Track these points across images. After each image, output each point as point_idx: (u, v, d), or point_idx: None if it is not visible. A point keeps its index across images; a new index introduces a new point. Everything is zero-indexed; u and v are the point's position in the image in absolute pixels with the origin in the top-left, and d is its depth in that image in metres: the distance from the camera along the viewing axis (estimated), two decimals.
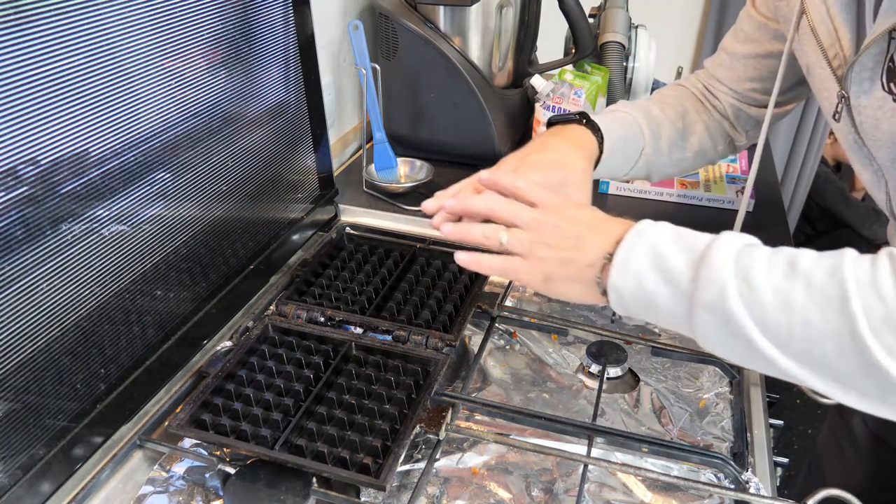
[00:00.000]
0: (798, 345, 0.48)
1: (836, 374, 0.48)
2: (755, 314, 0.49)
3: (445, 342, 0.79)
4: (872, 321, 0.45)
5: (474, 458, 0.71)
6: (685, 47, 2.43)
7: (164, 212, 0.75)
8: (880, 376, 0.45)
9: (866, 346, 0.45)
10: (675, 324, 0.54)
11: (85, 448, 0.67)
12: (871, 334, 0.45)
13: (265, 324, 0.82)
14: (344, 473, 0.63)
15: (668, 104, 0.89)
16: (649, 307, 0.54)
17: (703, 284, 0.50)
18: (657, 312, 0.54)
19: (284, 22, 0.90)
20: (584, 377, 0.81)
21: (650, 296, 0.53)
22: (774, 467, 0.71)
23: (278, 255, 0.97)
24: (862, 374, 0.46)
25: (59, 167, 0.60)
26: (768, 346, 0.49)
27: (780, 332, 0.48)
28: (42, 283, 0.61)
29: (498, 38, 1.22)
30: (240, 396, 0.72)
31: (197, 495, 0.66)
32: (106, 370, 0.69)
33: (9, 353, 0.58)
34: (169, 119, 0.73)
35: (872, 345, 0.45)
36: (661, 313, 0.54)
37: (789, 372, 0.49)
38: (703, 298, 0.50)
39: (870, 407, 0.48)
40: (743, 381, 0.79)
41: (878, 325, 0.45)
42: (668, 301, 0.52)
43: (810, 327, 0.47)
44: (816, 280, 0.48)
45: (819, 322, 0.47)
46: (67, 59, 0.59)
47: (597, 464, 0.68)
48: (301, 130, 0.99)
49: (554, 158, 0.73)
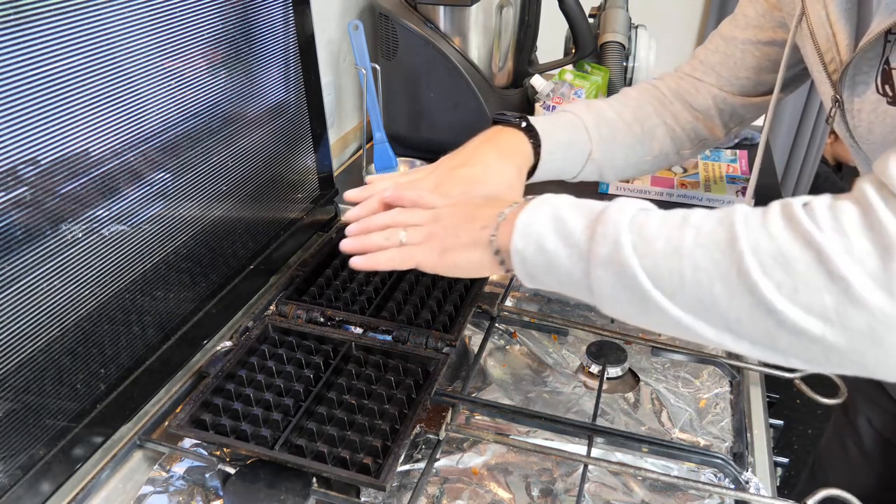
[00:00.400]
0: (688, 291, 0.48)
1: (726, 321, 0.47)
2: (647, 264, 0.49)
3: (445, 342, 0.79)
4: (762, 258, 0.45)
5: (474, 458, 0.71)
6: (685, 47, 2.43)
7: (164, 212, 0.75)
8: (769, 317, 0.45)
9: (754, 284, 0.45)
10: (575, 287, 0.55)
11: (85, 448, 0.67)
12: (759, 271, 0.45)
13: (265, 324, 0.82)
14: (344, 473, 0.63)
15: (628, 106, 0.87)
16: (550, 269, 0.55)
17: (598, 240, 0.51)
18: (558, 275, 0.55)
19: (284, 22, 0.90)
20: (584, 377, 0.81)
21: (550, 257, 0.54)
22: (774, 467, 0.71)
23: (278, 255, 0.97)
24: (750, 318, 0.46)
25: (59, 167, 0.60)
26: (660, 297, 0.49)
27: (672, 280, 0.48)
28: (42, 283, 0.61)
29: (498, 38, 1.22)
30: (240, 396, 0.72)
31: (197, 495, 0.66)
32: (106, 370, 0.69)
33: (9, 353, 0.58)
34: (169, 119, 0.73)
35: (760, 280, 0.45)
36: (562, 275, 0.55)
37: (682, 322, 0.49)
38: (599, 253, 0.51)
39: (759, 353, 0.48)
40: (743, 381, 0.79)
41: (767, 261, 0.45)
42: (566, 261, 0.54)
43: (699, 271, 0.47)
44: (706, 227, 0.48)
45: (707, 265, 0.47)
46: (67, 59, 0.59)
47: (597, 464, 0.68)
48: (301, 130, 0.99)
49: (479, 172, 0.74)
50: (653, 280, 0.49)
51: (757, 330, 0.46)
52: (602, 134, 0.83)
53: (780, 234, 0.45)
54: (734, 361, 0.81)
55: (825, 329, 0.44)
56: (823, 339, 0.44)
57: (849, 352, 0.44)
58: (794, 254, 0.44)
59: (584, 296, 0.55)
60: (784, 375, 0.80)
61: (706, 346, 0.86)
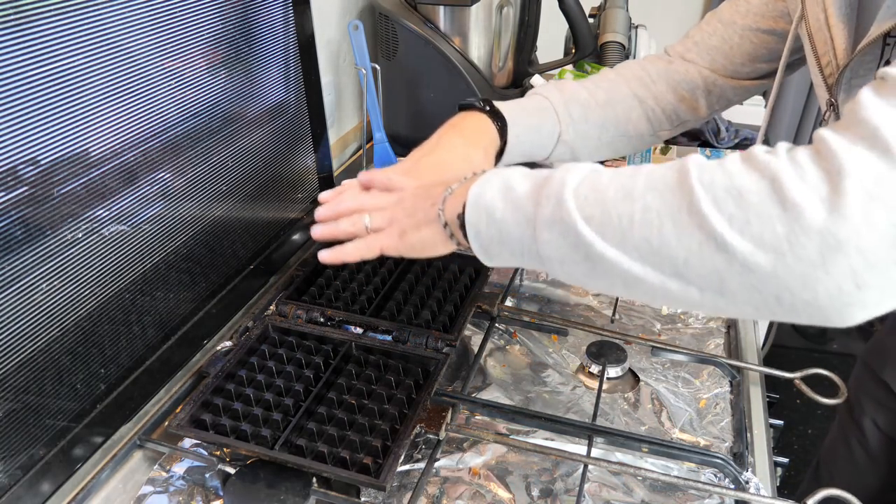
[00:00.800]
0: (637, 234, 0.47)
1: (674, 264, 0.46)
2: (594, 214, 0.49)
3: (445, 342, 0.79)
4: (715, 191, 0.44)
5: (474, 458, 0.71)
6: None
7: (164, 212, 0.75)
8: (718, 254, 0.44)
9: (704, 217, 0.44)
10: (527, 256, 0.54)
11: (85, 448, 0.67)
12: (710, 204, 0.44)
13: (265, 324, 0.82)
14: (344, 473, 0.63)
15: (601, 87, 0.85)
16: (502, 240, 0.55)
17: (542, 202, 0.51)
18: (510, 244, 0.54)
19: (284, 22, 0.90)
20: (584, 377, 0.81)
21: (500, 226, 0.54)
22: (774, 467, 0.71)
23: (278, 255, 0.97)
24: (700, 257, 0.45)
25: (59, 167, 0.60)
26: (606, 248, 0.48)
27: (621, 226, 0.47)
28: (42, 283, 0.61)
29: (498, 38, 1.22)
30: (240, 396, 0.72)
31: (197, 495, 0.66)
32: (106, 370, 0.69)
33: (9, 353, 0.58)
34: (169, 119, 0.73)
35: (711, 213, 0.44)
36: (514, 244, 0.54)
37: (630, 272, 0.48)
38: (543, 215, 0.51)
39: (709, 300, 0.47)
40: (743, 381, 0.79)
41: (720, 194, 0.44)
42: (515, 229, 0.53)
43: (648, 211, 0.46)
44: (658, 171, 0.48)
45: (657, 204, 0.46)
46: (67, 59, 0.59)
47: (597, 464, 0.68)
48: (301, 130, 0.99)
49: (446, 158, 0.74)
50: (598, 230, 0.48)
51: (706, 271, 0.45)
52: (573, 115, 0.83)
53: (735, 168, 0.45)
54: (734, 361, 0.81)
55: (776, 262, 0.42)
56: (774, 273, 0.43)
57: (801, 288, 0.43)
58: (748, 185, 0.43)
59: (536, 264, 0.54)
60: (784, 375, 0.80)
61: (706, 346, 0.86)
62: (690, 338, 0.87)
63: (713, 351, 0.85)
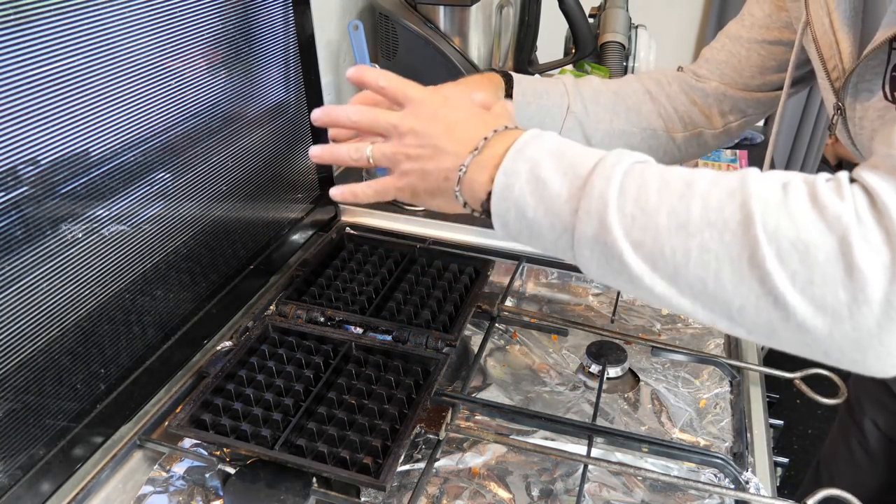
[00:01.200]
0: (692, 273, 0.44)
1: (728, 309, 0.45)
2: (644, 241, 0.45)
3: (445, 342, 0.79)
4: (780, 243, 0.42)
5: (474, 458, 0.71)
6: (685, 47, 2.43)
7: (164, 212, 0.75)
8: (776, 310, 0.43)
9: (767, 273, 0.42)
10: (562, 255, 0.51)
11: (85, 448, 0.67)
12: (775, 259, 0.42)
13: (265, 324, 0.82)
14: (344, 473, 0.63)
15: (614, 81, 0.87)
16: (534, 236, 0.51)
17: (583, 217, 0.47)
18: (543, 242, 0.51)
19: (284, 22, 0.90)
20: (584, 377, 0.81)
21: (532, 225, 0.50)
22: (774, 467, 0.71)
23: (278, 255, 0.97)
24: (756, 308, 0.43)
25: (59, 167, 0.60)
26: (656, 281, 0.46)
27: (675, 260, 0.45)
28: (42, 283, 0.61)
29: (498, 38, 1.22)
30: (240, 396, 0.72)
31: (197, 495, 0.66)
32: (106, 370, 0.69)
33: (9, 353, 0.58)
34: (169, 119, 0.73)
35: (774, 270, 0.42)
36: (546, 244, 0.51)
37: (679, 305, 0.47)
38: (584, 232, 0.47)
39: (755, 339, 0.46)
40: (743, 381, 0.79)
41: (785, 247, 0.42)
42: (549, 232, 0.50)
43: (706, 252, 0.44)
44: (715, 199, 0.44)
45: (716, 246, 0.43)
46: (67, 59, 0.59)
47: (597, 464, 0.68)
48: (301, 130, 0.99)
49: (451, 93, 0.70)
50: (648, 261, 0.46)
51: (760, 321, 0.44)
52: (583, 93, 0.83)
53: (803, 217, 0.42)
54: (734, 361, 0.81)
55: (834, 326, 0.42)
56: (830, 336, 0.42)
57: (852, 350, 0.42)
58: (816, 242, 0.41)
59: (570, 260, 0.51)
60: (784, 375, 0.80)
61: (706, 346, 0.86)
62: (690, 338, 0.87)
63: (713, 351, 0.85)
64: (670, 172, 0.47)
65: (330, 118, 0.59)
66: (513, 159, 0.50)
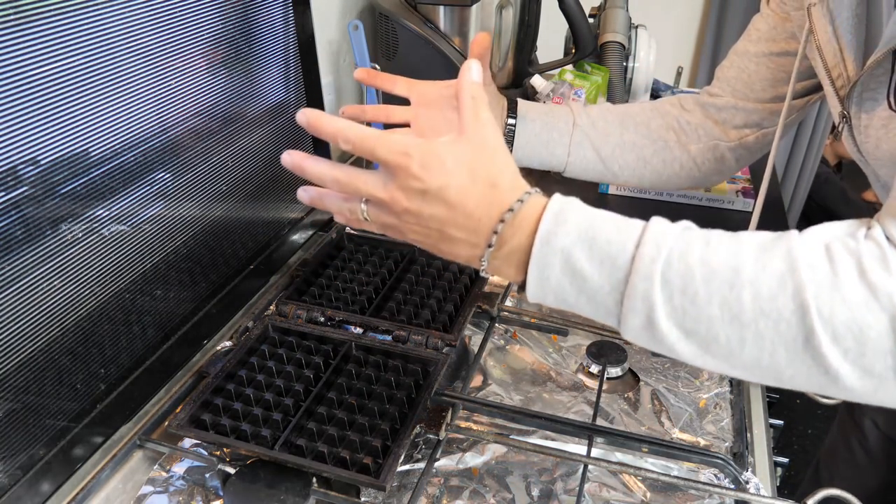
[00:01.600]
0: (747, 356, 0.46)
1: (779, 377, 0.47)
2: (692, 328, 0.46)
3: (445, 342, 0.79)
4: (835, 327, 0.44)
5: (474, 458, 0.71)
6: (685, 47, 2.43)
7: (164, 212, 0.75)
8: (825, 376, 0.45)
9: (822, 355, 0.44)
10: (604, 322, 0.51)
11: (85, 448, 0.67)
12: (829, 341, 0.44)
13: (265, 324, 0.82)
14: (344, 473, 0.63)
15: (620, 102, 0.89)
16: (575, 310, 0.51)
17: (628, 312, 0.47)
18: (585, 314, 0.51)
19: (284, 22, 0.90)
20: (584, 377, 0.81)
21: (575, 307, 0.50)
22: (774, 467, 0.71)
23: (278, 255, 0.97)
24: (807, 377, 0.46)
25: (59, 167, 0.60)
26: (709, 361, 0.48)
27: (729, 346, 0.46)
28: (42, 283, 0.61)
29: (498, 38, 1.22)
30: (240, 396, 0.72)
31: (197, 495, 0.66)
32: (106, 370, 0.69)
33: (9, 353, 0.58)
34: (169, 119, 0.73)
35: (829, 351, 0.44)
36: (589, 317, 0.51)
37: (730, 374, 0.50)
38: (633, 324, 0.48)
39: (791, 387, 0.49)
40: (743, 381, 0.79)
41: (839, 330, 0.44)
42: (594, 315, 0.50)
43: (762, 339, 0.45)
44: (765, 287, 0.45)
45: (771, 335, 0.45)
46: (67, 59, 0.59)
47: (597, 464, 0.68)
48: (301, 130, 0.98)
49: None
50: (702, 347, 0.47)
51: (809, 385, 0.47)
52: (589, 111, 0.85)
53: (855, 297, 0.44)
54: None
55: (878, 386, 0.45)
56: (874, 394, 0.46)
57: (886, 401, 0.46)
58: (870, 322, 0.43)
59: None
60: None
61: None
62: None
63: None
64: (713, 254, 0.46)
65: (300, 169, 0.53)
66: (542, 253, 0.48)
